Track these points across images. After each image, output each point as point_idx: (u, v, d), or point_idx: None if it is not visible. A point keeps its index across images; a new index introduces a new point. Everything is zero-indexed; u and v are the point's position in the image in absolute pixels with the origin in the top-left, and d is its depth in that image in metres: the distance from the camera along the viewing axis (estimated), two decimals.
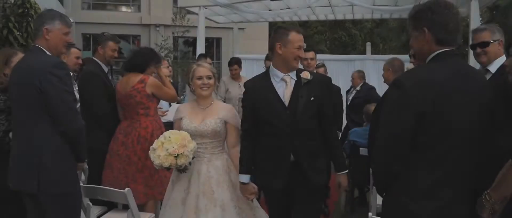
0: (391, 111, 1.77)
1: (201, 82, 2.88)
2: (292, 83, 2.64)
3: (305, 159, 2.63)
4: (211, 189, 2.78)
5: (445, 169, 1.73)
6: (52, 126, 2.32)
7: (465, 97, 1.71)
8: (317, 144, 2.69)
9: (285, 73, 2.63)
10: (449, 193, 1.76)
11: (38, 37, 2.45)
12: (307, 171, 2.62)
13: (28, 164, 2.32)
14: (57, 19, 2.46)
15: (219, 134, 2.89)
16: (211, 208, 2.73)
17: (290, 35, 2.60)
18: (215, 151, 2.90)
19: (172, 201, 2.86)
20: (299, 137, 2.61)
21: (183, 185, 2.86)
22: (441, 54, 1.78)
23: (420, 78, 1.73)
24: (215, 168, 2.85)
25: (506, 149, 1.83)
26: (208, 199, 2.75)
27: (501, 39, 2.58)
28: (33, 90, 2.29)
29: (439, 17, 1.74)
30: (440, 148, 1.70)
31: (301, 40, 2.61)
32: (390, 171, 1.78)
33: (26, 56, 2.51)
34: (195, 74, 2.90)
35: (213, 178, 2.82)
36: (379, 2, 8.17)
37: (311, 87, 2.64)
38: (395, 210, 1.82)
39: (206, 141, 2.87)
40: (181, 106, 3.08)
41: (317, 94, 2.65)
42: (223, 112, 2.91)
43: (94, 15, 18.80)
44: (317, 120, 2.68)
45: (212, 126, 2.84)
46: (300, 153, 2.63)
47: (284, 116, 2.59)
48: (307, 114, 2.61)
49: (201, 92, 2.90)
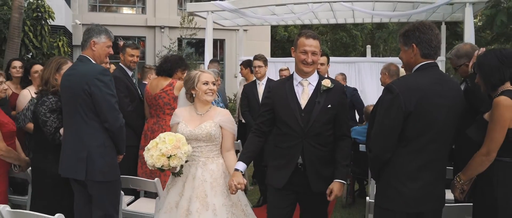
0: (384, 111, 2.20)
1: (207, 88, 2.87)
2: (310, 88, 2.69)
3: (312, 163, 2.64)
4: (204, 193, 2.76)
5: (426, 156, 2.16)
6: (98, 124, 2.75)
7: (443, 100, 2.14)
8: (328, 151, 2.68)
9: (303, 77, 2.70)
10: (430, 176, 2.19)
11: (86, 48, 2.87)
12: (310, 176, 2.64)
13: (78, 156, 2.73)
14: (103, 34, 2.89)
15: (214, 137, 2.86)
16: (203, 212, 2.70)
17: (298, 40, 2.67)
18: (210, 155, 2.88)
19: (167, 204, 2.83)
20: (310, 140, 2.63)
21: (178, 189, 2.84)
22: (425, 65, 2.22)
23: (407, 85, 2.17)
24: (210, 172, 2.82)
25: (474, 141, 2.26)
26: (200, 202, 2.73)
27: (467, 62, 2.96)
28: (83, 93, 2.70)
29: (425, 36, 2.18)
30: (422, 140, 2.13)
31: (306, 44, 2.62)
32: (383, 159, 2.22)
33: (76, 64, 2.92)
34: (200, 79, 2.88)
35: (207, 182, 2.79)
36: (379, 7, 8.56)
37: (330, 95, 2.65)
38: (386, 191, 2.26)
39: (201, 145, 2.85)
40: (178, 111, 3.03)
41: (335, 103, 2.66)
42: (218, 116, 2.90)
43: (101, 17, 18.86)
44: (331, 128, 2.69)
45: (207, 129, 2.83)
46: (308, 156, 2.64)
47: (299, 118, 2.63)
48: (321, 120, 2.62)
49: (206, 98, 2.88)
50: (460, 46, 3.07)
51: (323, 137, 2.65)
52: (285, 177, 2.67)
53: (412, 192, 2.17)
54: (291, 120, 2.65)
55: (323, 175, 2.66)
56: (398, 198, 2.20)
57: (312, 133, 2.63)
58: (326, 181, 2.65)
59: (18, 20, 7.36)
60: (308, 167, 2.64)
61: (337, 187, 2.61)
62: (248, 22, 9.93)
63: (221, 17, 9.58)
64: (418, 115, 2.09)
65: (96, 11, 19.58)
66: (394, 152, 2.18)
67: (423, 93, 2.11)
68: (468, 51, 2.92)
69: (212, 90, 2.89)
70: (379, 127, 2.23)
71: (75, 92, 2.73)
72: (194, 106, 2.94)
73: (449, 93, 2.17)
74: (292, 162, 2.66)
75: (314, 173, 2.64)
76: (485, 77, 2.31)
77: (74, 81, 2.75)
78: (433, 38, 2.18)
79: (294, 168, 2.66)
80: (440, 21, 9.74)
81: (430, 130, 2.12)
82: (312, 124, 2.61)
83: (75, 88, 2.73)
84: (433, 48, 2.18)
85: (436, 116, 2.12)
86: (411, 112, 2.09)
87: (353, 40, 22.84)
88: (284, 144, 2.70)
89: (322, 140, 2.66)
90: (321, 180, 2.65)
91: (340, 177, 2.63)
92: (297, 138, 2.65)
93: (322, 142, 2.66)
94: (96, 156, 2.74)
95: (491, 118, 2.25)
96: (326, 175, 2.66)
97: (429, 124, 2.12)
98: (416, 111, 2.08)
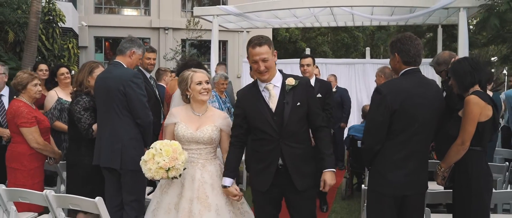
0: (374, 109, 2.60)
1: (201, 87, 2.87)
2: (276, 90, 2.69)
3: (292, 163, 2.67)
4: (206, 194, 2.78)
5: (410, 148, 2.56)
6: (131, 119, 3.15)
7: (423, 99, 2.54)
8: (306, 148, 2.73)
9: (266, 82, 2.70)
10: (413, 165, 2.58)
11: (123, 54, 3.28)
12: (292, 175, 2.67)
13: (114, 148, 3.12)
14: (141, 48, 3.37)
15: (214, 141, 2.90)
16: (205, 213, 2.72)
17: (248, 50, 2.65)
18: (208, 157, 2.91)
19: (166, 205, 2.83)
20: (287, 141, 2.66)
21: (176, 190, 2.84)
22: (409, 71, 2.62)
23: (393, 87, 2.58)
24: (209, 173, 2.85)
25: (451, 134, 2.67)
26: (202, 204, 2.75)
27: (446, 68, 3.34)
28: (118, 93, 3.10)
29: (404, 46, 2.59)
30: (406, 134, 2.53)
31: (254, 54, 2.61)
32: (374, 150, 2.62)
33: (110, 68, 3.31)
34: (193, 79, 2.88)
35: (207, 183, 2.81)
36: (377, 12, 8.95)
37: (297, 92, 2.67)
38: (377, 177, 2.65)
39: (201, 147, 2.88)
40: (174, 110, 3.01)
41: (303, 99, 2.67)
42: (219, 120, 2.93)
43: (106, 19, 19.31)
44: (305, 124, 2.73)
45: (209, 133, 2.85)
46: (288, 157, 2.67)
47: (271, 122, 2.65)
48: (293, 119, 2.65)
49: (202, 97, 2.88)
50: (440, 55, 3.49)
51: (298, 135, 2.70)
52: (268, 179, 2.71)
53: (398, 178, 2.57)
54: (265, 125, 2.68)
55: (306, 172, 2.71)
56: (386, 183, 2.60)
57: (287, 133, 2.66)
58: (309, 177, 2.72)
59: (35, 25, 7.76)
60: (289, 167, 2.67)
61: (328, 176, 2.66)
62: (252, 25, 10.28)
63: (226, 21, 9.93)
64: (402, 112, 2.49)
65: (101, 13, 19.85)
66: (383, 144, 2.58)
67: (406, 94, 2.51)
68: (446, 59, 3.33)
69: (206, 89, 2.89)
70: (370, 123, 2.64)
71: (111, 92, 3.12)
72: (190, 106, 2.95)
73: (429, 94, 2.57)
74: (273, 165, 2.69)
75: (296, 172, 2.68)
76: (458, 80, 2.72)
77: (110, 83, 3.15)
78: (411, 48, 2.58)
79: (275, 170, 2.70)
80: (437, 24, 10.13)
81: (413, 125, 2.52)
82: (286, 125, 2.64)
83: (111, 89, 3.13)
84: (412, 56, 2.58)
85: (417, 113, 2.52)
86: (396, 110, 2.49)
87: (355, 41, 23.05)
88: (262, 148, 2.72)
89: (298, 138, 2.70)
90: (304, 178, 2.70)
91: (328, 166, 2.68)
92: (274, 141, 2.67)
93: (299, 140, 2.70)
94: (129, 148, 3.14)
95: (464, 113, 2.66)
96: (308, 172, 2.72)
97: (411, 120, 2.52)
98: (400, 109, 2.49)
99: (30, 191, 3.02)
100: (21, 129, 3.43)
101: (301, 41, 21.31)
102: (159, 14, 19.37)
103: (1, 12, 8.82)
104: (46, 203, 2.91)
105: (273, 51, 2.69)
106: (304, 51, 18.68)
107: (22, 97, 3.54)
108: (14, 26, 9.10)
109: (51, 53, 10.88)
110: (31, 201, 3.02)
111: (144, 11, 20.20)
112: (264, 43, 2.64)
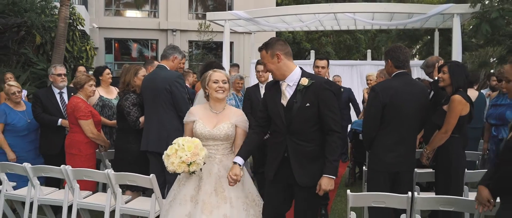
0: (369, 104, 3.29)
1: (217, 86, 3.01)
2: (289, 89, 2.82)
3: (295, 158, 2.78)
4: (222, 187, 2.93)
5: (399, 134, 3.24)
6: (175, 113, 3.80)
7: (409, 96, 3.22)
8: (315, 147, 2.79)
9: (281, 80, 2.86)
10: (402, 148, 3.26)
11: (167, 58, 3.96)
12: (294, 169, 2.77)
13: (161, 136, 3.77)
14: (181, 54, 4.05)
15: (230, 137, 3.04)
16: (222, 204, 2.88)
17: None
18: (225, 152, 3.06)
19: (182, 197, 2.96)
20: (293, 137, 2.79)
21: (193, 184, 2.98)
22: (398, 74, 3.31)
23: (384, 86, 3.27)
24: (226, 168, 2.98)
25: (435, 123, 3.36)
26: (219, 196, 2.90)
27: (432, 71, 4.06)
28: (165, 91, 3.75)
29: (395, 54, 3.28)
30: (395, 123, 3.21)
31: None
32: (370, 136, 3.30)
33: (156, 71, 3.97)
34: (211, 78, 3.05)
35: (224, 177, 2.93)
36: (378, 17, 9.63)
37: (308, 93, 2.75)
38: (373, 158, 3.34)
39: (218, 143, 3.03)
40: (193, 109, 3.19)
41: (313, 100, 2.74)
42: (235, 117, 3.06)
43: (116, 21, 19.93)
44: (315, 125, 2.78)
45: (225, 130, 3.00)
46: (292, 152, 2.78)
47: (282, 116, 2.80)
48: (301, 118, 2.75)
49: (217, 95, 3.01)
50: (428, 59, 4.19)
51: (306, 134, 2.78)
52: (273, 169, 2.88)
53: (390, 159, 3.25)
54: (277, 118, 2.85)
55: (309, 170, 2.77)
56: (381, 163, 3.28)
57: (294, 130, 2.78)
58: (312, 175, 2.77)
59: (64, 29, 8.45)
60: (292, 161, 2.78)
61: (324, 182, 2.72)
62: (259, 28, 10.97)
63: (235, 24, 10.66)
64: (391, 106, 3.18)
65: (111, 15, 20.44)
66: (377, 132, 3.27)
67: (394, 91, 3.20)
68: (433, 62, 4.03)
69: (222, 88, 3.02)
70: (367, 115, 3.34)
71: (159, 91, 3.78)
72: (209, 104, 3.12)
73: (414, 91, 3.25)
74: (279, 157, 2.85)
75: (298, 167, 2.78)
76: (454, 81, 3.40)
77: (158, 83, 3.81)
78: (400, 55, 3.28)
79: (280, 161, 2.85)
80: (434, 28, 10.80)
81: (400, 116, 3.20)
82: (293, 122, 2.77)
83: (158, 87, 3.78)
84: (401, 62, 3.27)
85: (404, 106, 3.20)
86: (386, 103, 3.17)
87: (357, 43, 23.48)
88: (274, 140, 2.93)
89: (306, 136, 2.78)
90: (306, 174, 2.78)
91: (327, 172, 2.72)
92: (282, 134, 2.83)
93: (306, 138, 2.78)
94: (173, 136, 3.68)
95: (449, 108, 3.35)
96: (313, 170, 2.77)
97: (399, 112, 3.20)
98: (389, 103, 3.17)
99: (93, 170, 3.73)
100: (79, 121, 4.13)
101: (304, 41, 21.83)
102: (167, 16, 19.93)
103: (29, 17, 9.52)
104: (107, 180, 3.60)
105: (273, 54, 2.79)
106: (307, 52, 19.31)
107: (79, 94, 4.25)
108: (39, 29, 9.81)
109: (71, 55, 11.55)
110: (94, 178, 3.73)
111: (152, 13, 20.68)
112: (262, 48, 2.86)
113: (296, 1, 22.38)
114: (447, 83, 3.45)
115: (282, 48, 2.81)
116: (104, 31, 19.57)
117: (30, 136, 4.69)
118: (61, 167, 3.76)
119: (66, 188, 3.82)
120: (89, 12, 18.90)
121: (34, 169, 3.91)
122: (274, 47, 2.80)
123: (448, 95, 3.46)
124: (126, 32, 20.07)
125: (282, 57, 2.79)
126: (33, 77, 9.14)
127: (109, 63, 19.70)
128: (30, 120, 4.64)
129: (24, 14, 9.61)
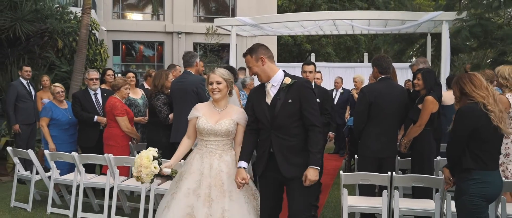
0: (358, 102, 4.09)
1: (211, 87, 3.16)
2: (273, 89, 3.01)
3: (280, 153, 2.94)
4: (221, 181, 3.06)
5: (382, 127, 4.00)
6: None
7: (390, 96, 3.99)
8: (298, 141, 2.95)
9: (266, 81, 3.03)
10: (385, 139, 4.03)
11: (191, 65, 4.72)
12: (279, 163, 2.94)
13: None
14: (197, 56, 4.80)
15: (231, 133, 3.17)
16: (221, 198, 3.02)
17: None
18: (225, 148, 3.19)
19: (186, 189, 3.08)
20: (277, 133, 2.95)
21: (195, 177, 3.11)
22: (382, 78, 4.09)
23: (370, 88, 4.06)
24: (225, 163, 3.12)
25: (411, 119, 4.15)
26: (218, 190, 3.04)
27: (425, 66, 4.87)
28: (192, 92, 4.50)
29: (378, 62, 4.07)
30: (379, 118, 3.98)
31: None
32: (359, 128, 4.08)
33: (184, 75, 4.72)
34: (208, 80, 3.22)
35: (224, 171, 3.08)
36: (373, 24, 10.38)
37: (291, 91, 2.93)
38: (362, 146, 4.12)
39: (219, 139, 3.15)
40: (198, 106, 3.33)
41: (296, 97, 2.91)
42: (236, 114, 3.20)
43: (123, 23, 20.51)
44: (297, 120, 2.94)
45: (226, 126, 3.14)
46: (276, 146, 2.95)
47: (266, 114, 2.97)
48: (283, 114, 2.92)
49: (212, 96, 3.19)
50: (415, 60, 5.04)
51: (288, 129, 2.94)
52: (261, 165, 3.06)
53: (376, 147, 4.01)
54: (262, 116, 3.02)
55: (293, 162, 2.94)
56: (368, 150, 4.05)
57: (277, 126, 2.95)
58: (297, 167, 2.91)
59: (85, 35, 9.23)
60: (276, 155, 2.95)
61: (309, 172, 2.85)
62: (263, 32, 11.63)
63: (241, 29, 11.39)
64: (375, 104, 3.95)
65: (119, 18, 21.01)
66: (365, 124, 4.04)
67: (378, 92, 3.97)
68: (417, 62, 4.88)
69: (216, 89, 3.15)
70: (356, 111, 4.14)
71: (186, 92, 4.52)
72: (212, 103, 3.29)
73: (395, 93, 4.03)
74: (266, 152, 3.02)
75: (282, 160, 2.94)
76: (427, 85, 4.17)
77: (185, 85, 4.54)
78: (383, 63, 4.06)
79: (267, 157, 3.01)
80: (426, 33, 11.56)
81: (383, 112, 3.97)
82: (276, 117, 2.94)
83: (187, 90, 4.52)
84: (384, 68, 4.05)
85: (385, 105, 3.97)
86: (372, 102, 3.95)
87: (357, 43, 23.96)
88: (261, 137, 3.10)
89: (289, 131, 2.95)
90: (291, 166, 2.93)
91: (312, 163, 2.86)
92: (267, 131, 3.01)
93: (289, 133, 2.95)
94: None
95: (423, 107, 4.12)
96: (297, 162, 2.93)
97: (382, 109, 3.97)
98: (374, 102, 3.95)
99: (131, 158, 4.50)
100: (116, 117, 4.92)
101: (305, 43, 22.35)
102: (173, 19, 20.43)
103: (51, 23, 10.29)
104: None
105: (257, 58, 2.98)
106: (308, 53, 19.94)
107: (116, 95, 5.03)
108: (60, 35, 10.58)
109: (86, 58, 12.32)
110: (131, 165, 4.50)
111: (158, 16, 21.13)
112: (246, 54, 3.05)
113: (297, 4, 23.00)
114: (421, 87, 4.23)
115: (265, 52, 3.02)
116: (112, 34, 20.09)
117: (70, 129, 5.53)
118: (105, 155, 4.54)
119: (108, 173, 4.60)
120: (98, 15, 19.44)
121: (81, 157, 4.70)
122: (257, 52, 3.01)
123: (422, 96, 4.23)
124: (132, 35, 20.52)
125: (266, 61, 3.00)
126: (57, 79, 9.91)
127: (116, 64, 20.35)
128: (71, 117, 5.47)
129: (46, 20, 10.38)
